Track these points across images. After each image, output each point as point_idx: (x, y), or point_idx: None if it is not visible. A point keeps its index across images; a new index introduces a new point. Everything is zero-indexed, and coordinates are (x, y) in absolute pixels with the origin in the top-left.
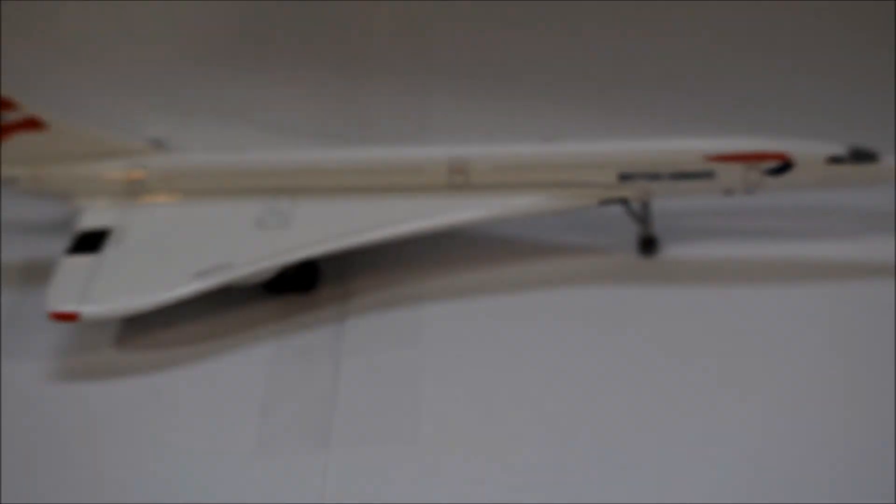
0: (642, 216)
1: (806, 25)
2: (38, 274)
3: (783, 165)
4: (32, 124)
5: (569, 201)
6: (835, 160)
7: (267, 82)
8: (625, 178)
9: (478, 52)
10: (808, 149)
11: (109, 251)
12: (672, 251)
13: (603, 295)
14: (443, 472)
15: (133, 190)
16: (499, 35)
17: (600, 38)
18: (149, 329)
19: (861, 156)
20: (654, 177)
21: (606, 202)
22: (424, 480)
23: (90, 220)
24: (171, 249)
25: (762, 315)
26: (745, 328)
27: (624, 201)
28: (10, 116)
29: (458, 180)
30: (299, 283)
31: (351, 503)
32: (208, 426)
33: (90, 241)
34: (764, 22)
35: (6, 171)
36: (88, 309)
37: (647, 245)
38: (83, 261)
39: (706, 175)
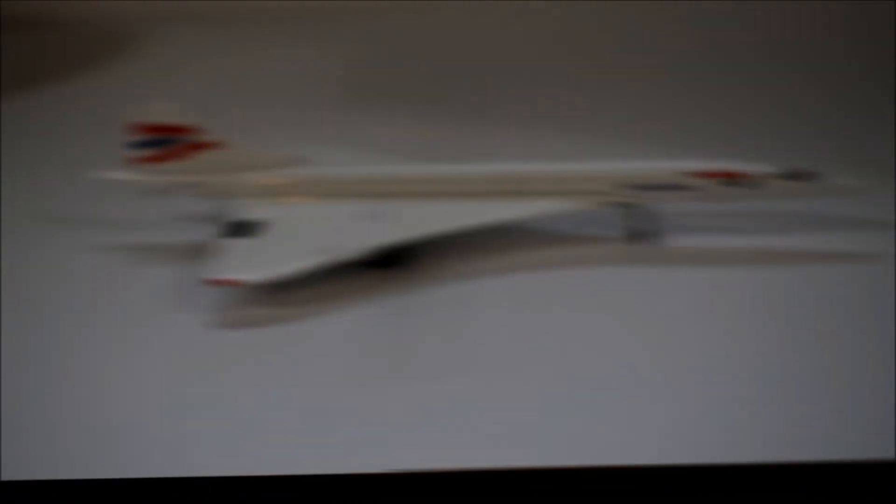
0: (640, 215)
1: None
2: (204, 252)
3: (745, 181)
4: (211, 144)
5: (583, 204)
6: (782, 177)
7: (376, 119)
8: (628, 187)
9: (526, 99)
10: (761, 168)
11: (258, 237)
12: (665, 241)
13: (604, 272)
14: (487, 396)
15: (279, 192)
16: (540, 88)
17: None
18: (284, 292)
19: (803, 175)
20: (646, 187)
21: (614, 205)
22: (473, 402)
23: (244, 213)
24: (303, 235)
25: (727, 290)
26: (710, 298)
27: (622, 205)
28: (198, 138)
29: (505, 188)
30: (391, 262)
31: (429, 417)
32: (324, 364)
33: (243, 229)
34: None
35: (192, 177)
36: (243, 276)
37: (643, 236)
38: (241, 242)
39: (686, 187)
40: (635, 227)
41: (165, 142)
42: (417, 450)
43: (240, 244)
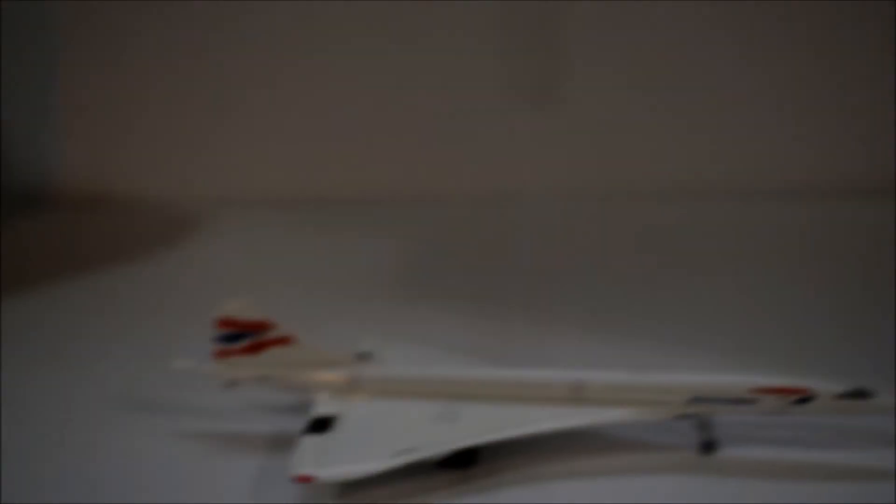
0: (705, 426)
1: None
2: (281, 444)
3: (806, 398)
4: (284, 340)
5: (656, 415)
6: (842, 396)
7: (441, 315)
8: (694, 400)
9: (587, 305)
10: (823, 386)
11: (333, 433)
12: (727, 452)
13: (672, 482)
14: None
15: (349, 389)
16: (600, 291)
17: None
18: (358, 490)
19: (861, 394)
20: (715, 401)
21: (680, 417)
22: None
23: (320, 409)
24: (375, 434)
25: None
26: None
27: (693, 416)
28: (271, 334)
29: (577, 396)
30: (462, 462)
31: None
32: None
33: (320, 425)
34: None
35: (265, 372)
36: (322, 473)
37: (708, 447)
38: (316, 439)
39: (751, 401)
40: (706, 438)
41: (241, 336)
42: None
43: (315, 441)
